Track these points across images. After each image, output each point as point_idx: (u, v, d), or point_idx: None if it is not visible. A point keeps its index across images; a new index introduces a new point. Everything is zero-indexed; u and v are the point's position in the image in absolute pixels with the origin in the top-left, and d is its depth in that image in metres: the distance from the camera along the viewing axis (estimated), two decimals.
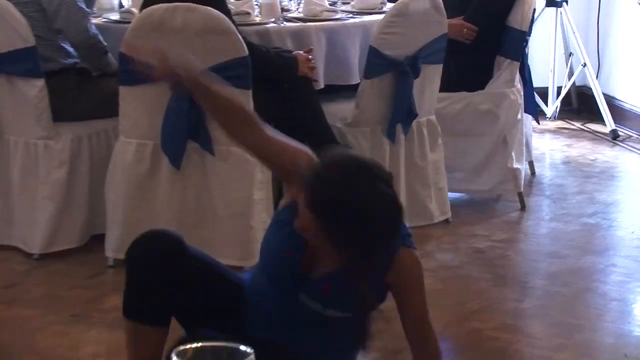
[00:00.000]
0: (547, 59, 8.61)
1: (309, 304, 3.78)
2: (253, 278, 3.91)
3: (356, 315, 3.73)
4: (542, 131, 8.40)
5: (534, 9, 6.86)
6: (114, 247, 5.44)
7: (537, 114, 7.59)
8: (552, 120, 8.71)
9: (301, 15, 6.22)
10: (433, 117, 6.20)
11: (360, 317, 3.73)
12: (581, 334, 4.74)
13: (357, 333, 3.80)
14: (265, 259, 3.88)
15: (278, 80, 5.70)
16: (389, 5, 6.17)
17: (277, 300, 3.78)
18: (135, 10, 5.88)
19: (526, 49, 6.77)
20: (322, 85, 5.94)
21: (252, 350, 1.73)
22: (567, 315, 5.04)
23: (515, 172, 6.54)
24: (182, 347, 1.65)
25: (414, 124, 6.04)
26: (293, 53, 5.79)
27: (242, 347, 1.74)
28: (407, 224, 5.98)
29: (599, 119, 8.36)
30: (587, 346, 4.67)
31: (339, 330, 3.86)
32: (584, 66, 8.36)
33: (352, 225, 3.46)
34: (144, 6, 5.61)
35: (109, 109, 5.56)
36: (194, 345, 1.67)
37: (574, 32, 8.40)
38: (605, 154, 7.96)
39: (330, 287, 3.74)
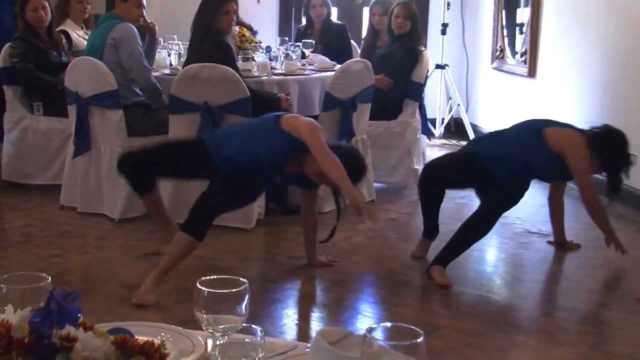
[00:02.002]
0: (435, 101, 8.68)
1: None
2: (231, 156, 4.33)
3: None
4: (432, 145, 8.37)
5: (428, 70, 6.92)
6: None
7: (429, 134, 7.64)
8: (438, 139, 8.74)
9: (283, 71, 6.22)
10: (365, 136, 6.20)
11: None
12: (453, 270, 4.73)
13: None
14: (253, 153, 4.32)
15: (268, 111, 5.65)
16: (338, 66, 6.20)
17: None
18: (179, 67, 5.87)
19: (423, 94, 6.83)
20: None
21: (246, 281, 1.64)
22: None
23: (415, 171, 6.55)
24: (203, 278, 1.62)
25: (353, 140, 6.02)
26: (278, 95, 5.77)
27: (241, 279, 1.65)
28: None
29: (467, 138, 8.38)
30: (457, 276, 4.68)
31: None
32: (458, 105, 8.42)
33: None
34: (184, 65, 5.64)
35: (162, 128, 5.52)
36: (210, 277, 1.63)
37: (452, 84, 8.47)
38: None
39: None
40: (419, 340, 1.42)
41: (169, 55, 6.34)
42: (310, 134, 4.30)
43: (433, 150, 8.23)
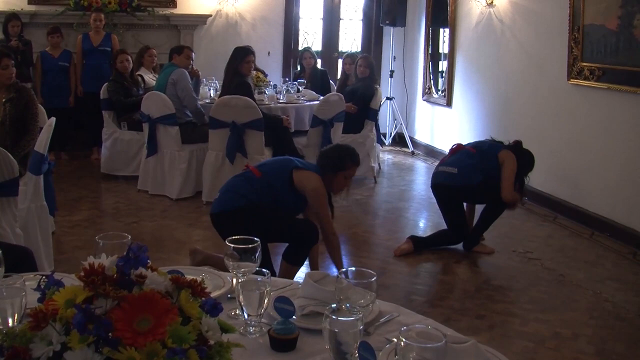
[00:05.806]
0: (386, 121, 8.63)
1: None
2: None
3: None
4: (384, 151, 8.28)
5: (381, 100, 6.90)
6: (206, 196, 5.38)
7: (382, 143, 7.59)
8: (388, 146, 8.67)
9: (285, 101, 6.17)
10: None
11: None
12: (399, 234, 4.73)
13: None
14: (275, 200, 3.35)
15: (274, 127, 5.62)
16: (321, 97, 6.17)
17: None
18: (216, 98, 5.81)
19: (377, 117, 6.78)
20: (292, 130, 5.92)
21: (258, 240, 1.59)
22: (393, 226, 5.06)
23: (373, 168, 6.53)
24: (230, 238, 1.61)
25: None
26: (281, 115, 5.75)
27: (255, 239, 1.59)
28: None
29: (407, 146, 8.36)
30: (401, 238, 4.67)
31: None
32: (401, 124, 8.39)
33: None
34: (219, 96, 5.59)
35: (205, 138, 5.49)
36: (235, 237, 1.64)
37: (396, 110, 8.43)
38: (409, 160, 7.91)
39: None
40: (372, 279, 1.45)
41: (209, 90, 6.31)
42: (313, 198, 3.33)
43: (384, 153, 8.23)
